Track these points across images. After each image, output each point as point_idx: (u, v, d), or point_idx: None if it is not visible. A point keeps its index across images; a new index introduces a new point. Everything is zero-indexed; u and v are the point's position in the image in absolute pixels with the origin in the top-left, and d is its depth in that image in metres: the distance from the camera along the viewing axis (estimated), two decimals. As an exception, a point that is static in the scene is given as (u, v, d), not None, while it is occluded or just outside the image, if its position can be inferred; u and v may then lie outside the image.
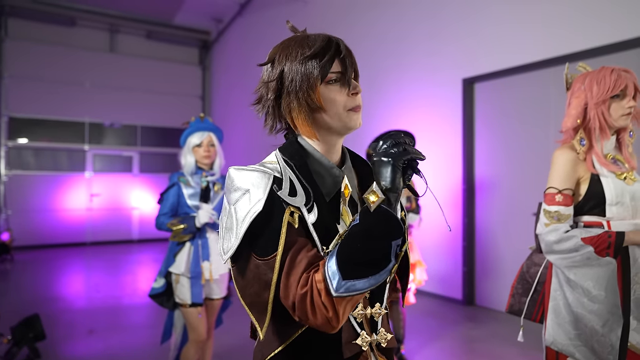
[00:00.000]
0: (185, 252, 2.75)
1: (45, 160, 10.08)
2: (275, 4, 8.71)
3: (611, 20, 3.87)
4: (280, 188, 0.95)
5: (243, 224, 0.91)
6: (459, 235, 5.20)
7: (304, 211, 0.95)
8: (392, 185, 0.86)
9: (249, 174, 0.95)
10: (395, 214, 0.85)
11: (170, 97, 11.30)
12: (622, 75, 1.77)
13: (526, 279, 2.04)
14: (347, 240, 0.86)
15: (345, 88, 1.01)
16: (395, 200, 0.87)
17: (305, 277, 0.88)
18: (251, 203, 0.92)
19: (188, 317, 2.74)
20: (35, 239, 9.69)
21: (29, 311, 4.11)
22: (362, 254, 0.84)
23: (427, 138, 5.48)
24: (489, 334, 4.20)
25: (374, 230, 0.84)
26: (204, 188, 2.82)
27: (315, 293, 0.86)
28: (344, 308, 0.87)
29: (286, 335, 0.98)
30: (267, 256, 0.91)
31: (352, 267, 0.84)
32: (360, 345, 0.99)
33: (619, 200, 1.76)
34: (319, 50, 0.99)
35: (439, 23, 5.43)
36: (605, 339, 1.69)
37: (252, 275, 0.93)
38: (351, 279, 0.84)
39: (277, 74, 1.02)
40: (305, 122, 1.01)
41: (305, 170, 1.00)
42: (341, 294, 0.84)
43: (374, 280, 0.85)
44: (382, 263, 0.85)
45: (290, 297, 0.89)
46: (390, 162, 0.87)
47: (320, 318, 0.86)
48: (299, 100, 1.00)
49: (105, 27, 10.82)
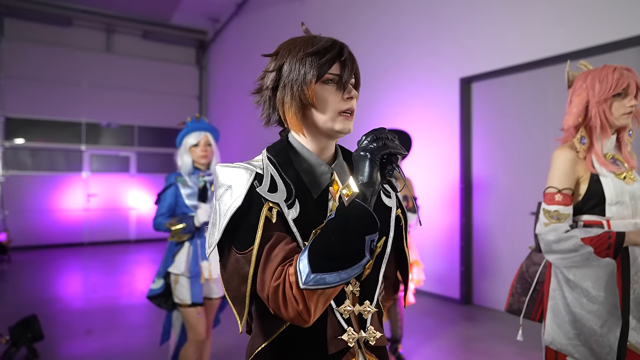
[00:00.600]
0: (184, 252, 2.75)
1: (42, 161, 10.05)
2: (272, 3, 8.70)
3: (608, 20, 3.88)
4: (260, 184, 0.97)
5: (224, 219, 0.93)
6: (457, 234, 5.20)
7: (284, 207, 0.96)
8: (368, 179, 0.88)
9: (233, 171, 0.98)
10: (369, 209, 0.85)
11: (167, 97, 11.28)
12: (624, 74, 1.77)
13: (525, 278, 2.04)
14: (322, 234, 0.87)
15: (340, 91, 1.02)
16: (371, 194, 0.88)
17: (280, 270, 0.89)
18: (232, 198, 0.94)
19: (187, 317, 2.73)
20: (32, 240, 9.66)
21: (26, 312, 4.10)
22: (334, 248, 0.85)
23: (425, 137, 5.48)
24: (486, 333, 4.21)
25: (348, 224, 0.84)
26: (202, 188, 2.82)
27: (287, 286, 0.87)
28: (315, 302, 0.87)
29: (272, 329, 1.00)
30: (245, 250, 0.93)
31: (322, 260, 0.84)
32: (346, 341, 0.99)
33: (619, 200, 1.76)
34: (321, 49, 1.01)
35: (437, 23, 5.43)
36: (604, 339, 1.69)
37: (233, 269, 0.95)
38: (320, 272, 0.84)
39: (278, 66, 1.04)
40: (294, 117, 1.02)
41: (288, 167, 1.02)
42: (310, 286, 0.84)
43: (346, 275, 0.85)
44: (355, 258, 0.85)
45: (265, 290, 0.90)
46: (367, 157, 0.89)
47: (291, 311, 0.87)
48: (293, 94, 1.01)
49: (102, 27, 10.79)
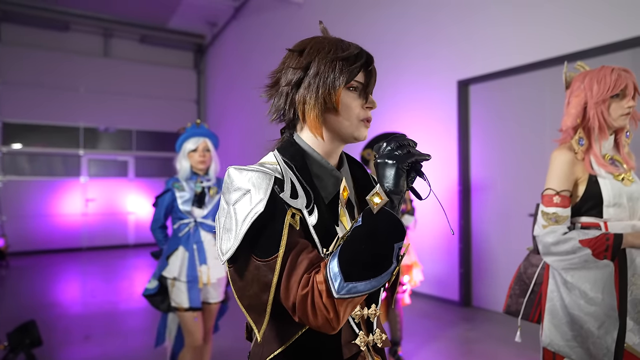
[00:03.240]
0: (178, 255, 2.75)
1: (40, 166, 10.03)
2: (270, 7, 8.71)
3: (605, 21, 3.89)
4: (281, 189, 0.94)
5: (243, 225, 0.90)
6: (455, 236, 5.21)
7: (305, 213, 0.95)
8: (395, 187, 0.86)
9: (250, 174, 0.94)
10: (398, 217, 0.86)
11: (165, 102, 11.27)
12: (622, 75, 1.77)
13: (523, 279, 2.04)
14: (350, 242, 0.86)
15: (362, 99, 1.03)
16: (398, 202, 0.87)
17: (306, 278, 0.88)
18: (252, 204, 0.91)
19: (184, 321, 2.73)
20: (30, 245, 9.63)
21: (25, 317, 4.08)
22: (365, 256, 0.84)
23: (423, 140, 5.49)
24: (485, 335, 4.20)
25: (378, 232, 0.84)
26: (199, 193, 2.83)
27: (316, 294, 0.86)
28: (345, 309, 0.87)
29: (286, 336, 0.98)
30: (268, 257, 0.91)
31: (354, 269, 0.84)
32: (358, 346, 1.00)
33: (617, 202, 1.76)
34: (352, 56, 1.01)
35: (434, 26, 5.45)
36: (601, 341, 1.69)
37: (252, 276, 0.93)
38: (353, 280, 0.84)
39: (304, 64, 1.02)
40: (317, 118, 1.01)
41: (305, 172, 1.01)
42: (343, 295, 0.84)
43: (376, 282, 0.85)
44: (385, 265, 0.85)
45: (290, 298, 0.88)
46: (394, 165, 0.88)
47: (321, 319, 0.86)
48: (317, 95, 1.00)
49: (99, 32, 10.79)
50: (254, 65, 9.16)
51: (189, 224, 2.82)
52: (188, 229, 2.81)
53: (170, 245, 2.81)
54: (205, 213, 2.83)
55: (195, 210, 2.81)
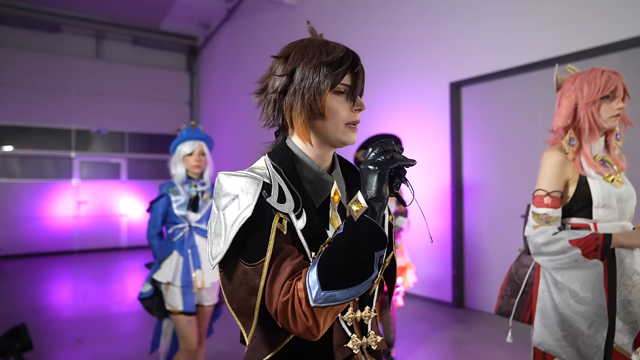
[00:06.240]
0: (172, 260, 2.74)
1: (31, 168, 9.96)
2: (262, 9, 8.71)
3: (595, 25, 3.92)
4: (269, 194, 0.94)
5: (232, 230, 0.91)
6: (448, 238, 5.22)
7: (293, 217, 0.95)
8: (377, 194, 0.84)
9: (238, 180, 0.94)
10: (379, 224, 0.84)
11: (157, 103, 11.24)
12: (612, 77, 1.79)
13: (515, 280, 2.05)
14: (330, 250, 0.85)
15: (349, 102, 1.02)
16: (380, 209, 0.85)
17: (288, 284, 0.88)
18: (240, 209, 0.91)
19: (178, 324, 2.72)
20: (21, 248, 9.56)
21: (15, 321, 4.05)
22: (344, 265, 0.83)
23: (415, 141, 5.51)
24: (478, 336, 4.22)
25: (357, 240, 0.82)
26: (194, 197, 2.82)
27: (296, 302, 0.86)
28: (325, 318, 0.86)
29: (277, 341, 0.98)
30: (255, 262, 0.91)
31: (332, 277, 0.83)
32: (351, 349, 1.00)
33: (606, 203, 1.77)
34: (336, 59, 0.99)
35: (426, 27, 5.47)
36: (591, 340, 1.70)
37: (240, 280, 0.93)
38: (330, 289, 0.82)
39: (289, 70, 1.01)
40: (303, 125, 1.01)
41: (294, 176, 1.01)
42: (320, 304, 0.83)
43: (355, 292, 0.84)
44: (364, 274, 0.83)
45: (273, 305, 0.89)
46: (376, 171, 0.85)
47: (300, 326, 0.86)
48: (303, 102, 0.99)
49: (91, 33, 10.75)
50: (246, 67, 9.15)
51: (183, 229, 2.81)
52: (182, 233, 2.80)
53: (164, 249, 2.80)
54: (199, 217, 2.83)
55: (190, 215, 2.80)
